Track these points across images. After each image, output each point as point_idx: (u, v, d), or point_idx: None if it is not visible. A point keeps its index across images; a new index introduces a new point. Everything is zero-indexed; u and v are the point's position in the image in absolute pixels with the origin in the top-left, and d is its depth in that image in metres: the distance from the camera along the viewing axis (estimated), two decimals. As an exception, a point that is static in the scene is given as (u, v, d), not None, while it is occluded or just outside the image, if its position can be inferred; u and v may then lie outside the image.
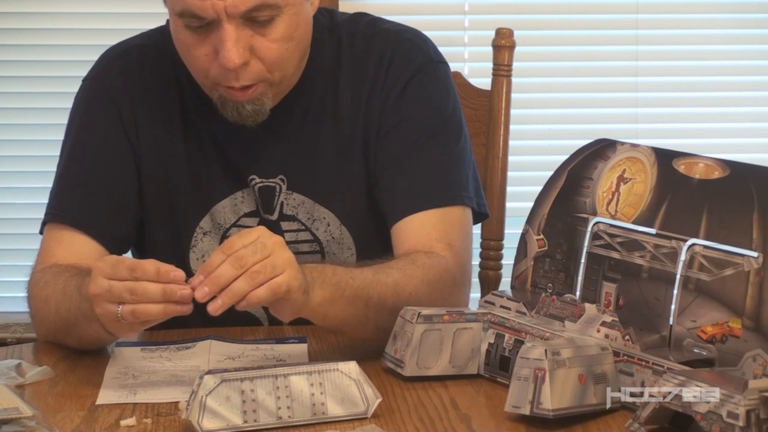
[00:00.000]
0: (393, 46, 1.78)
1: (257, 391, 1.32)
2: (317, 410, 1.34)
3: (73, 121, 1.81)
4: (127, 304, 1.41)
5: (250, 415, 1.31)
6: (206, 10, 1.58)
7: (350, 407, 1.35)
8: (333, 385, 1.35)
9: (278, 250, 1.42)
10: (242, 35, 1.60)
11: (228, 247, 1.41)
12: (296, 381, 1.34)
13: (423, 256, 1.65)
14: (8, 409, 1.30)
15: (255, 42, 1.61)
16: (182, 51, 1.67)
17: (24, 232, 3.04)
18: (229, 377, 1.31)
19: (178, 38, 1.65)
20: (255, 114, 1.67)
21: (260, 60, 1.63)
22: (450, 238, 1.70)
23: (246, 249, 1.41)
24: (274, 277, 1.41)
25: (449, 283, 1.66)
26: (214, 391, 1.30)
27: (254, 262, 1.40)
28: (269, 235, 1.44)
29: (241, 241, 1.42)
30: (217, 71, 1.63)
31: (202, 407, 1.29)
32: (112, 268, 1.42)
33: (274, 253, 1.42)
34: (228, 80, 1.63)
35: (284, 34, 1.62)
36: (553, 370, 1.30)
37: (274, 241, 1.43)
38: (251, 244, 1.41)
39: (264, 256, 1.41)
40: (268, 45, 1.62)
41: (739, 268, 1.34)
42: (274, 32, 1.62)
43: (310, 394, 1.34)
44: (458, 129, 1.79)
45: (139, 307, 1.41)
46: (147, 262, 1.42)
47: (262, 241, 1.42)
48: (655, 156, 1.47)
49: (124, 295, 1.41)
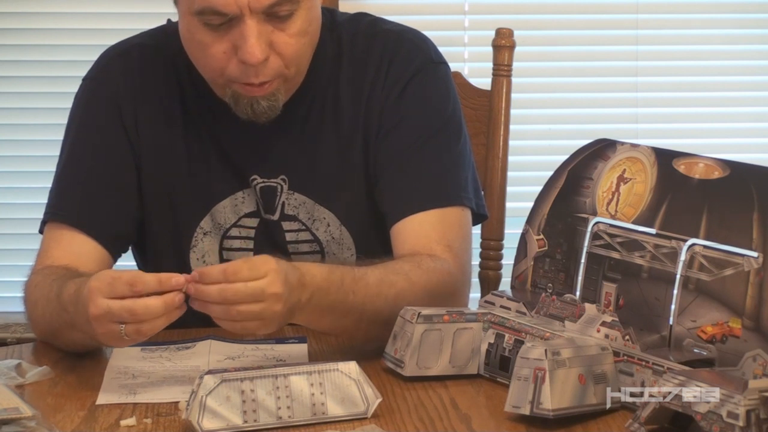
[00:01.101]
0: (393, 46, 1.78)
1: (257, 391, 1.32)
2: (317, 410, 1.34)
3: (73, 121, 1.81)
4: (130, 324, 1.41)
5: (250, 415, 1.31)
6: (229, 5, 1.58)
7: (350, 407, 1.35)
8: (333, 385, 1.35)
9: (270, 303, 1.42)
10: (263, 30, 1.60)
11: (232, 276, 1.40)
12: (296, 381, 1.34)
13: (428, 260, 1.65)
14: (8, 409, 1.30)
15: (274, 37, 1.62)
16: (197, 51, 1.66)
17: (24, 232, 3.04)
18: (229, 377, 1.31)
19: (194, 38, 1.64)
20: (269, 110, 1.67)
21: (279, 55, 1.63)
22: (449, 239, 1.70)
23: (245, 290, 1.40)
24: (249, 321, 1.42)
25: (450, 290, 1.66)
26: (214, 391, 1.30)
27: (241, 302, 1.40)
28: (273, 282, 1.42)
29: (245, 274, 1.41)
30: (235, 68, 1.63)
31: (202, 407, 1.29)
32: (109, 287, 1.41)
33: (264, 309, 1.41)
34: (247, 77, 1.63)
35: (301, 28, 1.63)
36: (553, 370, 1.30)
37: (272, 293, 1.42)
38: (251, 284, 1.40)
39: (254, 301, 1.41)
40: (286, 40, 1.62)
41: (739, 268, 1.34)
42: (292, 27, 1.62)
43: (310, 394, 1.34)
44: (458, 130, 1.79)
45: (143, 325, 1.41)
46: (146, 275, 1.42)
47: (262, 288, 1.41)
48: (655, 156, 1.47)
49: (125, 316, 1.40)
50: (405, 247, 1.69)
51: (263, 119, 1.68)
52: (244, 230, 1.78)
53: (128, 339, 1.43)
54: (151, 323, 1.41)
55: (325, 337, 1.67)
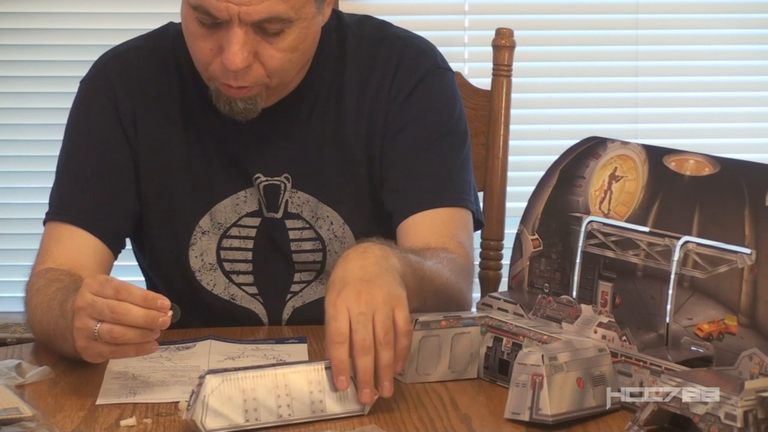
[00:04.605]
0: (400, 50, 1.80)
1: (258, 389, 1.32)
2: (316, 408, 1.34)
3: (72, 122, 1.82)
4: (105, 323, 1.39)
5: (252, 414, 1.32)
6: (221, 11, 1.59)
7: (348, 405, 1.36)
8: (331, 384, 1.35)
9: (375, 303, 1.38)
10: (249, 40, 1.61)
11: (341, 339, 1.35)
12: (295, 379, 1.34)
13: (442, 252, 1.66)
14: (8, 410, 1.31)
15: (260, 48, 1.62)
16: (189, 39, 1.68)
17: (24, 232, 3.05)
18: (231, 377, 1.31)
19: (187, 27, 1.67)
20: (246, 112, 1.68)
21: (262, 65, 1.64)
22: (460, 237, 1.72)
23: (357, 333, 1.36)
24: (396, 322, 1.38)
25: (469, 276, 1.69)
26: (216, 390, 1.30)
27: (373, 332, 1.36)
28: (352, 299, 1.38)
29: (344, 325, 1.36)
30: (217, 68, 1.64)
31: (205, 407, 1.29)
32: (99, 285, 1.41)
33: (375, 307, 1.37)
34: (226, 78, 1.64)
35: (291, 45, 1.64)
36: (551, 376, 1.30)
37: (363, 301, 1.38)
38: (354, 323, 1.36)
39: (371, 319, 1.37)
40: (272, 53, 1.63)
41: (732, 265, 1.34)
42: (281, 42, 1.63)
43: (308, 392, 1.34)
44: (463, 135, 1.81)
45: (116, 328, 1.39)
46: (134, 287, 1.40)
47: (359, 311, 1.37)
48: (646, 153, 1.47)
49: (105, 312, 1.39)
50: (418, 240, 1.70)
51: (240, 118, 1.69)
52: (244, 230, 1.78)
53: (97, 344, 1.41)
54: (123, 329, 1.39)
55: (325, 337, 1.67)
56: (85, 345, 1.44)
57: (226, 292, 1.80)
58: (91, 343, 1.42)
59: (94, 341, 1.42)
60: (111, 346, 1.41)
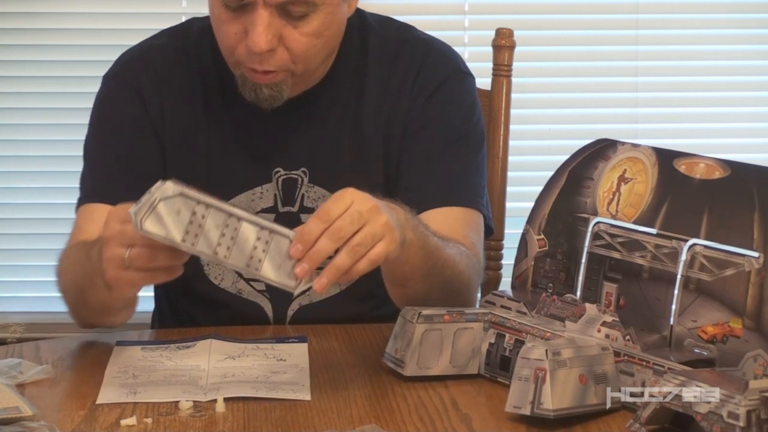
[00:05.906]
0: (423, 53, 1.82)
1: (208, 219, 1.32)
2: (252, 263, 1.34)
3: (97, 113, 1.83)
4: (135, 248, 1.40)
5: (190, 237, 1.31)
6: None
7: (282, 277, 1.35)
8: (277, 250, 1.35)
9: (374, 218, 1.41)
10: (274, 22, 1.62)
11: (325, 217, 1.39)
12: (246, 229, 1.34)
13: (460, 245, 1.67)
14: (8, 409, 1.31)
15: (285, 32, 1.64)
16: (215, 24, 1.70)
17: (24, 232, 3.04)
18: (189, 194, 1.31)
19: (213, 12, 1.68)
20: (271, 99, 1.69)
21: (287, 49, 1.65)
22: (472, 236, 1.74)
23: (343, 220, 1.38)
24: (373, 247, 1.40)
25: (478, 275, 1.70)
26: (170, 200, 1.29)
27: (353, 233, 1.39)
28: (363, 200, 1.41)
29: (336, 209, 1.39)
30: (243, 51, 1.66)
31: (152, 209, 1.29)
32: (126, 214, 1.40)
33: (370, 221, 1.40)
34: (251, 62, 1.66)
35: (315, 30, 1.65)
36: (554, 371, 1.30)
37: (369, 208, 1.41)
38: (347, 213, 1.39)
39: (361, 225, 1.39)
40: (297, 37, 1.65)
41: (739, 269, 1.34)
42: (306, 27, 1.64)
43: (252, 247, 1.34)
44: (480, 140, 1.82)
45: (146, 250, 1.39)
46: None
47: (358, 210, 1.40)
48: (656, 156, 1.47)
49: (136, 237, 1.38)
50: None
51: (265, 106, 1.70)
52: None
53: (127, 272, 1.41)
54: (155, 252, 1.39)
55: (325, 337, 1.68)
56: (115, 275, 1.44)
57: (234, 287, 1.81)
58: (121, 272, 1.43)
59: (125, 271, 1.42)
60: (141, 272, 1.42)
